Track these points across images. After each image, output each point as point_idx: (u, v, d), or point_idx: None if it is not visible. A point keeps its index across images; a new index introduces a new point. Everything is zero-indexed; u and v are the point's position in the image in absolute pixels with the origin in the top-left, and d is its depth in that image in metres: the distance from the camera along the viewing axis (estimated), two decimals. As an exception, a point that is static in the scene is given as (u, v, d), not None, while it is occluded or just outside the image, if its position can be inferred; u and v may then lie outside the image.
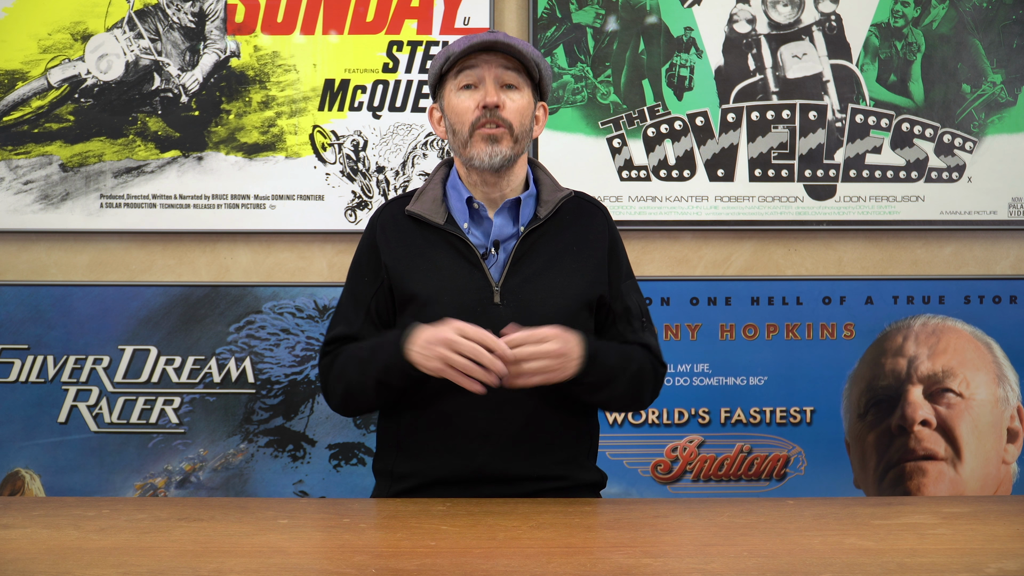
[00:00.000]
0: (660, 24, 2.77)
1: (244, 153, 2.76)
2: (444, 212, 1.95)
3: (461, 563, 1.43)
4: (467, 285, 1.90)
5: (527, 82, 1.94)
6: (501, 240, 1.94)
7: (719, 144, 2.79)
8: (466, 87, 1.91)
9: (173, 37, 2.75)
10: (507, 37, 1.91)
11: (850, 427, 2.80)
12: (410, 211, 1.95)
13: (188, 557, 1.46)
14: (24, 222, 2.75)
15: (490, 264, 1.92)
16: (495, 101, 1.88)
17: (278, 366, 2.76)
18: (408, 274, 1.92)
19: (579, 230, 1.98)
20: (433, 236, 1.94)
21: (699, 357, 2.79)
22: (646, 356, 1.97)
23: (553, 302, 1.90)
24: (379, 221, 2.00)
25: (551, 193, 1.98)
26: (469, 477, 1.89)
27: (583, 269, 1.94)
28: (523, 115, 1.92)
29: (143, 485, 2.75)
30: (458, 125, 1.92)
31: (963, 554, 1.48)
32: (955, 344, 2.80)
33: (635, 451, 2.78)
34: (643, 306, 2.02)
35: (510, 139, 1.90)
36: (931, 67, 2.80)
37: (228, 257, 2.80)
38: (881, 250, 2.84)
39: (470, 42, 1.90)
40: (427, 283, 1.91)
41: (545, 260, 1.93)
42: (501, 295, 1.90)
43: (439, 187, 1.98)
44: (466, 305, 1.89)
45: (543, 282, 1.91)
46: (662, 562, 1.45)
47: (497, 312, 1.88)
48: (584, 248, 1.96)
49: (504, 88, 1.91)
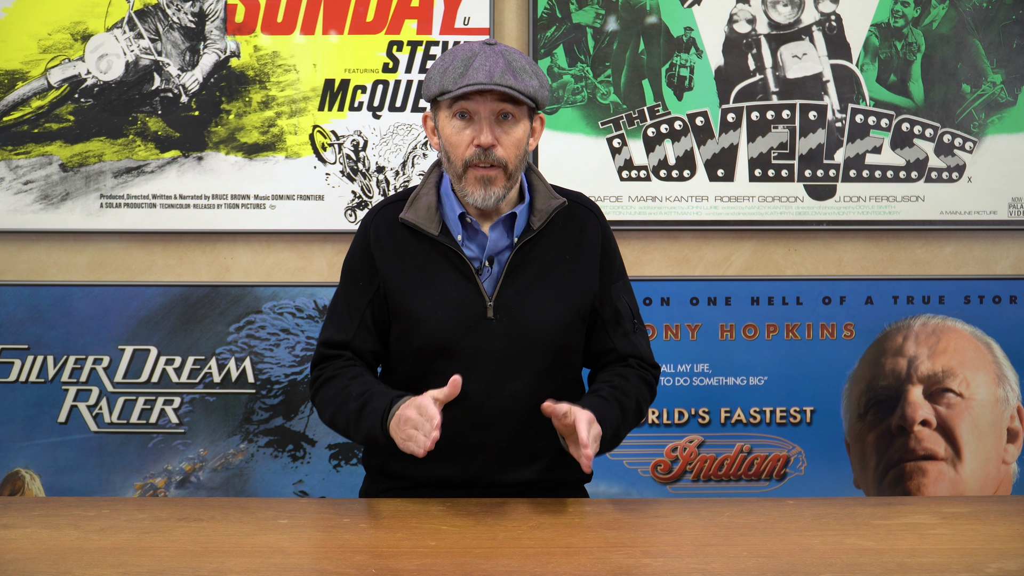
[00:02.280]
0: (660, 24, 2.77)
1: (244, 153, 2.76)
2: (438, 221, 1.91)
3: (461, 563, 1.44)
4: (461, 300, 1.89)
5: (524, 108, 1.88)
6: (496, 253, 1.92)
7: (719, 144, 2.79)
8: (460, 115, 1.85)
9: (173, 37, 2.75)
10: (505, 69, 1.81)
11: (850, 427, 2.80)
12: (404, 219, 1.92)
13: (188, 557, 1.46)
14: (24, 222, 2.75)
15: (484, 277, 1.91)
16: (490, 142, 1.83)
17: (278, 366, 2.76)
18: (403, 288, 1.90)
19: (572, 239, 1.96)
20: (427, 246, 1.91)
21: (699, 357, 2.79)
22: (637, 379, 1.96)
23: (546, 315, 1.90)
24: (372, 227, 1.96)
25: (544, 202, 1.95)
26: (460, 484, 1.91)
27: (576, 279, 1.93)
28: (519, 147, 1.87)
29: (143, 485, 2.75)
30: (452, 155, 1.88)
31: (963, 554, 1.48)
32: (955, 344, 2.80)
33: (635, 451, 2.78)
34: (634, 307, 2.01)
35: (504, 177, 1.86)
36: (931, 67, 2.80)
37: (228, 257, 2.80)
38: (881, 250, 2.84)
39: (465, 76, 1.81)
40: (422, 299, 1.89)
41: (538, 271, 1.92)
42: (495, 309, 1.89)
43: (433, 192, 1.94)
44: (460, 320, 1.88)
45: (536, 295, 1.91)
46: (662, 562, 1.45)
47: (490, 326, 1.88)
48: (577, 258, 1.95)
49: (499, 119, 1.85)
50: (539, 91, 1.87)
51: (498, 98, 1.83)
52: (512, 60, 1.84)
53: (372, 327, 1.95)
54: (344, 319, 1.95)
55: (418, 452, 1.73)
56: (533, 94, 1.85)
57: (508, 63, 1.83)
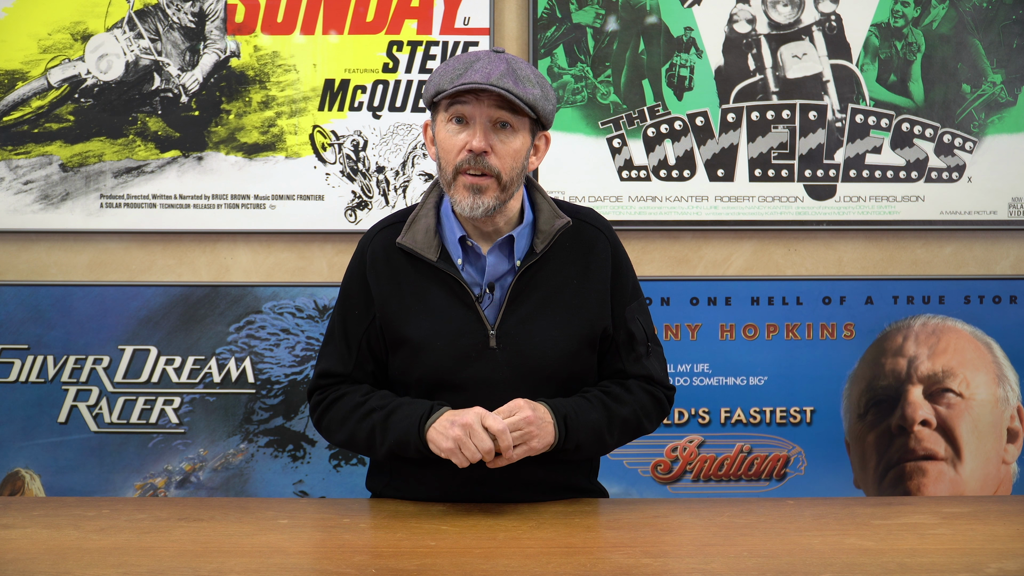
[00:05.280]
0: (660, 24, 2.77)
1: (244, 153, 2.76)
2: (437, 246, 1.82)
3: (461, 563, 1.44)
4: (461, 329, 1.80)
5: (524, 119, 1.78)
6: (496, 278, 1.83)
7: (719, 144, 2.79)
8: (457, 119, 1.77)
9: (173, 37, 2.75)
10: (505, 72, 1.74)
11: (850, 427, 2.80)
12: (401, 244, 1.83)
13: (188, 557, 1.46)
14: (24, 222, 2.75)
15: (485, 305, 1.82)
16: (482, 147, 1.74)
17: (278, 366, 2.76)
18: (400, 316, 1.83)
19: (579, 261, 1.86)
20: (426, 272, 1.83)
21: (699, 357, 2.79)
22: (641, 391, 1.88)
23: (552, 344, 1.81)
24: (368, 252, 1.88)
25: (548, 222, 1.84)
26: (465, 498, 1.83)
27: (584, 304, 1.84)
28: (515, 159, 1.77)
29: (143, 485, 2.75)
30: (444, 162, 1.79)
31: (963, 554, 1.48)
32: (955, 344, 2.80)
33: (635, 451, 2.78)
34: (649, 329, 1.92)
35: (496, 188, 1.76)
36: (931, 67, 2.80)
37: (228, 257, 2.80)
38: (881, 250, 2.84)
39: (463, 76, 1.74)
40: (420, 327, 1.81)
41: (543, 297, 1.82)
42: (497, 338, 1.81)
43: (432, 214, 1.85)
44: (461, 350, 1.80)
45: (541, 322, 1.82)
46: (662, 562, 1.45)
47: (493, 356, 1.80)
48: (585, 281, 1.85)
49: (497, 127, 1.76)
50: (541, 101, 1.77)
51: (496, 104, 1.75)
52: (516, 68, 1.76)
53: (370, 355, 1.88)
54: (342, 351, 1.88)
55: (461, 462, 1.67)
56: (533, 103, 1.75)
57: (511, 68, 1.75)
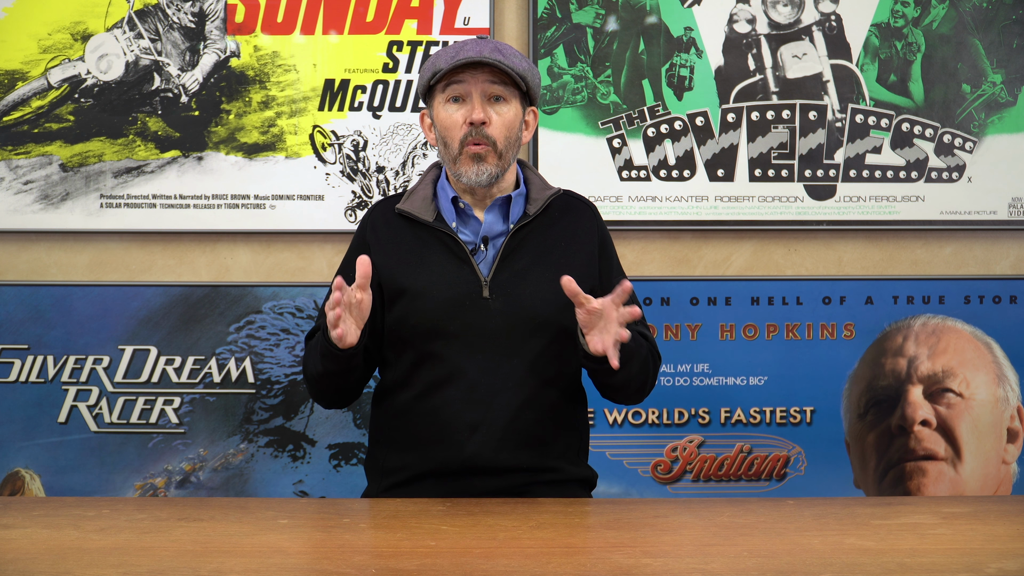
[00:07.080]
0: (660, 24, 2.77)
1: (244, 153, 2.76)
2: (434, 210, 1.99)
3: (461, 563, 1.44)
4: (456, 279, 1.94)
5: (515, 92, 1.97)
6: (491, 237, 1.98)
7: (719, 144, 2.79)
8: (454, 99, 1.95)
9: (173, 37, 2.75)
10: (494, 49, 1.92)
11: (850, 427, 2.80)
12: (400, 209, 2.00)
13: (188, 557, 1.46)
14: (24, 222, 2.75)
15: (479, 260, 1.96)
16: (481, 118, 1.91)
17: (278, 366, 2.76)
18: (398, 269, 1.97)
19: (568, 226, 2.02)
20: (423, 233, 1.99)
21: (699, 357, 2.79)
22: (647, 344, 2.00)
23: (542, 296, 1.94)
24: (370, 221, 2.05)
25: (540, 191, 2.03)
26: (458, 469, 1.91)
27: (572, 263, 1.97)
28: (510, 128, 1.95)
29: (143, 485, 2.75)
30: (448, 139, 1.96)
31: (963, 554, 1.48)
32: (955, 344, 2.80)
33: (635, 451, 2.78)
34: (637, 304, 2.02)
35: (495, 156, 1.93)
36: (931, 67, 2.80)
37: (228, 257, 2.80)
38: (881, 250, 2.84)
39: (456, 56, 1.92)
40: (416, 277, 1.95)
41: (534, 255, 1.97)
42: (490, 289, 1.93)
43: (429, 187, 2.03)
44: (455, 298, 1.93)
45: (532, 276, 1.95)
46: (662, 562, 1.45)
47: (486, 305, 1.92)
48: (573, 243, 2.01)
49: (491, 100, 1.95)
50: (529, 72, 1.96)
51: (488, 79, 1.92)
52: (502, 47, 1.95)
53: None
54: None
55: (333, 321, 1.78)
56: (523, 73, 1.94)
57: (497, 47, 1.94)
